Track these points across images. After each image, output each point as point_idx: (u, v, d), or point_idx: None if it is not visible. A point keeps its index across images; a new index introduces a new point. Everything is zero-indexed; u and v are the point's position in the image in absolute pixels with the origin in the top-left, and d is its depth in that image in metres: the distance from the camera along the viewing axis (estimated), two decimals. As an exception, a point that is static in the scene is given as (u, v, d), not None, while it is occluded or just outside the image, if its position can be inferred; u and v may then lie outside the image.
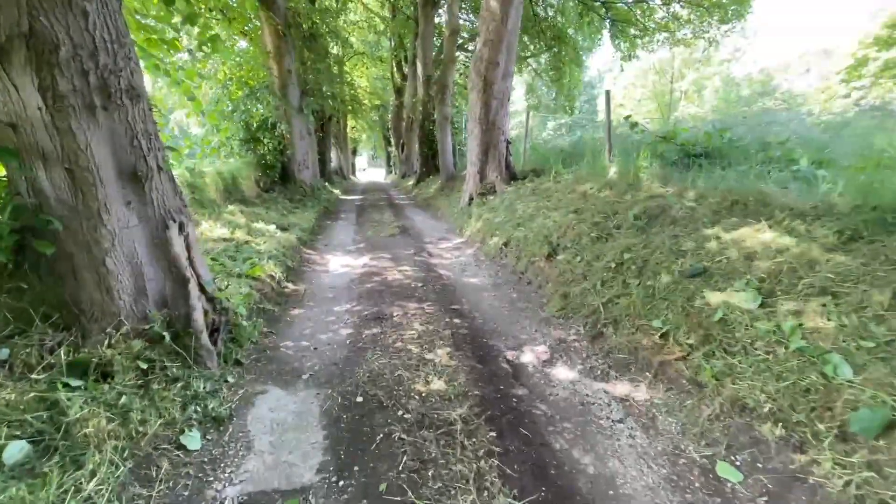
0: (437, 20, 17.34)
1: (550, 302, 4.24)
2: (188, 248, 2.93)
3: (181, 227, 2.80)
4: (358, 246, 7.25)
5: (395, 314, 4.14)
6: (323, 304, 4.60)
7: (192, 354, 2.73)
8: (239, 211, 7.20)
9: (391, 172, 39.19)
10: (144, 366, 2.49)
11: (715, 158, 5.27)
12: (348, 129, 34.51)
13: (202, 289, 3.04)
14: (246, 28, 10.11)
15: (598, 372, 3.04)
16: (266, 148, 10.55)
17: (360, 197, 16.25)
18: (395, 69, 27.96)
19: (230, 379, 2.89)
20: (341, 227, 9.02)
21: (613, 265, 3.87)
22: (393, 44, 25.22)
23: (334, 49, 24.13)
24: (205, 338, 2.84)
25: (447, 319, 3.97)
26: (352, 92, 24.98)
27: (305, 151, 11.63)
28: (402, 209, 11.81)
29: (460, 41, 15.01)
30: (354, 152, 44.16)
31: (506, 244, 5.95)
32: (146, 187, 2.57)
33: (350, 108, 25.61)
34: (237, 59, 10.51)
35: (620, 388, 2.84)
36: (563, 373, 3.08)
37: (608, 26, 16.84)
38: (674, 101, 38.84)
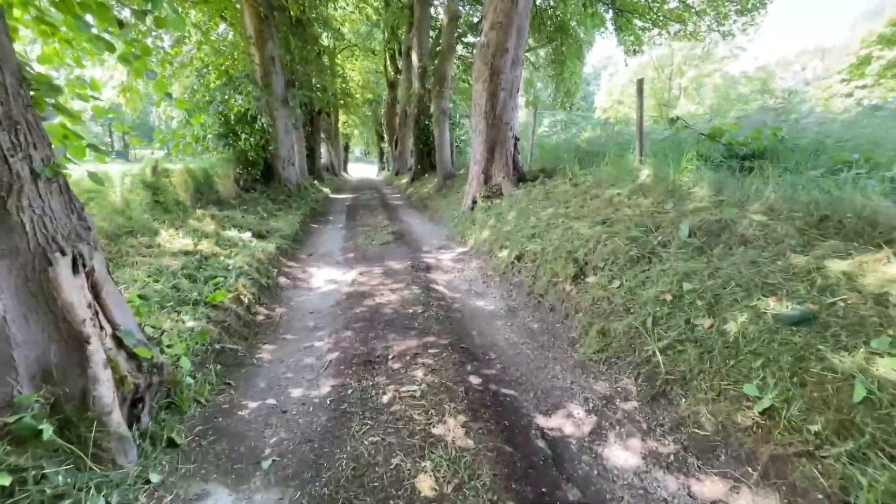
0: (433, 11, 16.39)
1: (584, 339, 3.41)
2: (95, 288, 2.05)
3: (78, 261, 1.91)
4: (347, 256, 6.36)
5: (390, 355, 3.28)
6: (301, 338, 3.72)
7: (91, 449, 1.85)
8: (209, 216, 6.27)
9: (384, 169, 38.16)
10: (6, 481, 1.61)
11: (767, 160, 4.46)
12: (340, 124, 33.42)
13: (119, 342, 2.16)
14: (223, 11, 9.12)
15: (672, 458, 2.21)
16: (248, 143, 9.59)
17: (352, 196, 15.32)
18: (388, 62, 26.91)
19: (154, 477, 2.02)
20: (329, 232, 8.12)
21: (669, 297, 3.04)
22: (386, 35, 24.19)
23: (325, 40, 23.13)
24: (115, 419, 1.96)
25: (457, 364, 3.12)
26: (343, 85, 23.97)
27: (291, 147, 10.69)
28: (397, 211, 10.92)
29: (459, 31, 14.07)
30: (346, 148, 43.02)
31: (518, 258, 5.10)
32: (9, 205, 1.68)
33: (342, 101, 24.60)
34: (215, 45, 9.53)
35: (710, 487, 2.01)
36: (621, 456, 2.25)
37: (612, 18, 16.01)
38: (672, 99, 38.25)
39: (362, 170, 48.14)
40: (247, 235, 5.94)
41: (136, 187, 5.64)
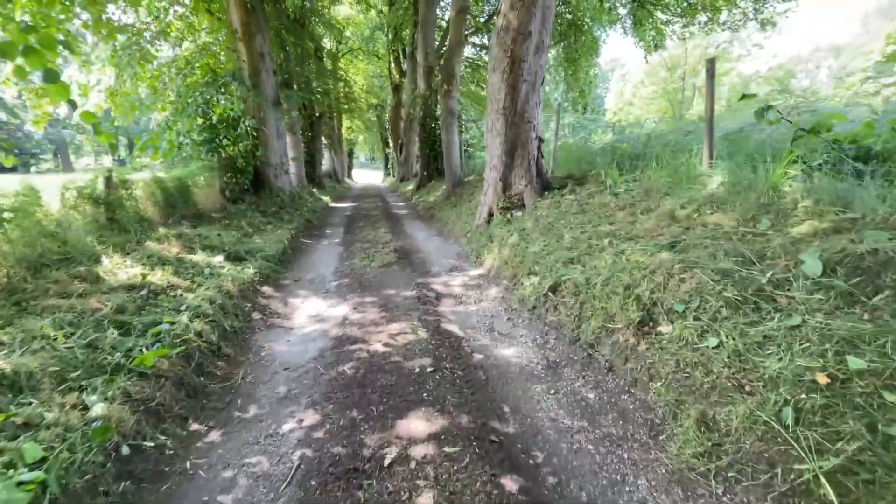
0: (439, 11, 15.44)
1: (672, 426, 2.31)
2: None
3: None
4: (340, 282, 5.29)
5: (385, 457, 2.21)
6: (264, 415, 2.66)
7: None
8: (175, 235, 5.24)
9: (389, 175, 37.28)
10: None
11: (887, 162, 3.34)
12: (344, 130, 32.59)
13: None
14: (209, 3, 8.17)
15: None
16: (236, 149, 8.60)
17: (353, 205, 14.30)
18: (392, 65, 26.05)
19: None
20: (322, 250, 7.07)
21: (824, 379, 1.93)
22: (390, 37, 23.31)
23: (328, 43, 22.29)
24: None
25: (488, 478, 2.04)
26: (346, 89, 23.12)
27: (284, 153, 9.70)
28: (401, 222, 9.86)
29: (467, 29, 13.05)
30: (351, 154, 42.25)
31: (553, 289, 4.01)
32: None
33: (345, 106, 23.74)
34: (199, 41, 8.58)
35: None
36: None
37: (631, 12, 14.94)
38: (686, 99, 37.05)
39: (367, 176, 47.31)
40: (218, 259, 4.90)
41: (81, 203, 4.63)
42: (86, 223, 4.55)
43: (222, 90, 7.84)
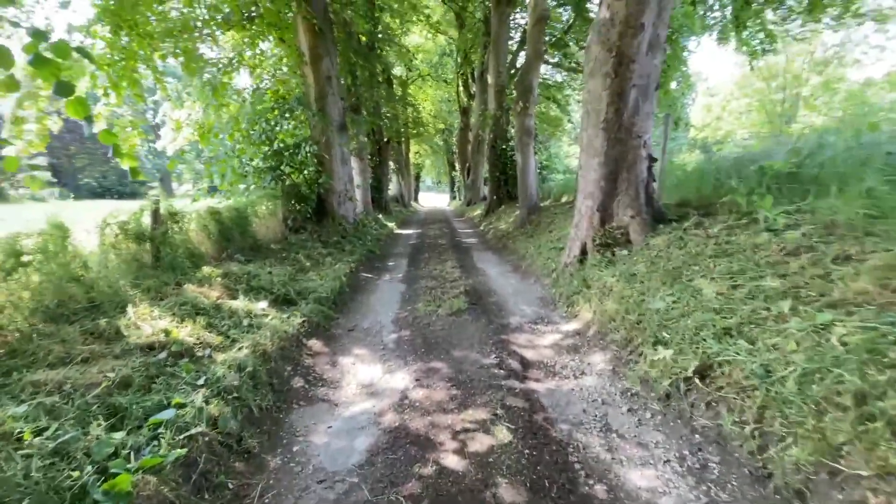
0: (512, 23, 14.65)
1: None
2: None
3: None
4: (400, 334, 4.36)
5: None
6: None
7: None
8: (221, 274, 4.65)
9: (455, 198, 36.90)
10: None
11: None
12: (411, 154, 32.84)
13: None
14: (276, 28, 7.97)
15: None
16: (300, 176, 8.22)
17: (418, 231, 13.63)
18: (460, 88, 25.85)
19: None
20: (383, 288, 6.24)
21: None
22: (459, 61, 23.08)
23: (397, 70, 22.52)
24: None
25: None
26: (415, 114, 23.08)
27: (348, 179, 9.21)
28: (470, 253, 8.88)
29: (547, 37, 12.03)
30: (417, 178, 42.65)
31: (702, 374, 2.74)
32: None
33: (413, 131, 23.70)
34: (266, 66, 8.41)
35: None
36: None
37: (734, 12, 13.10)
38: (785, 112, 32.99)
39: (433, 199, 47.53)
40: (261, 305, 4.18)
41: (124, 239, 4.16)
42: (125, 262, 4.05)
43: (287, 115, 7.50)
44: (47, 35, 2.59)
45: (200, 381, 2.78)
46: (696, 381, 2.75)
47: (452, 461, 2.40)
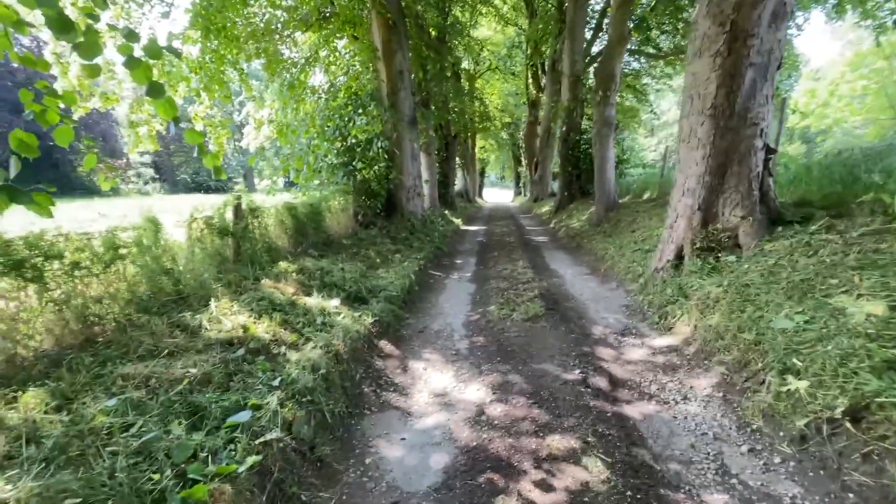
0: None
1: None
2: None
3: None
4: (473, 340, 4.12)
5: None
6: None
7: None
8: (296, 270, 4.69)
9: (520, 194, 36.08)
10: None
11: None
12: (476, 149, 32.53)
13: None
14: (351, 24, 8.03)
15: None
16: (371, 172, 8.26)
17: (484, 228, 13.33)
18: (529, 80, 25.03)
19: None
20: (452, 287, 6.05)
21: None
22: (528, 52, 22.34)
23: (465, 63, 22.29)
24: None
25: None
26: (482, 108, 22.74)
27: (417, 175, 9.14)
28: (540, 252, 8.44)
29: (632, 20, 11.08)
30: (482, 173, 42.29)
31: (854, 416, 2.21)
32: None
33: (480, 126, 23.38)
34: (342, 62, 8.53)
35: None
36: None
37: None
38: (912, 95, 28.29)
39: (497, 195, 46.92)
40: (335, 303, 4.14)
41: (209, 234, 4.31)
42: (208, 256, 4.19)
43: (360, 111, 7.54)
44: (139, 37, 2.62)
45: (276, 382, 2.73)
46: (847, 424, 2.22)
47: (540, 497, 2.10)
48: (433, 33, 11.87)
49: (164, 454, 2.01)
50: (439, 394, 3.19)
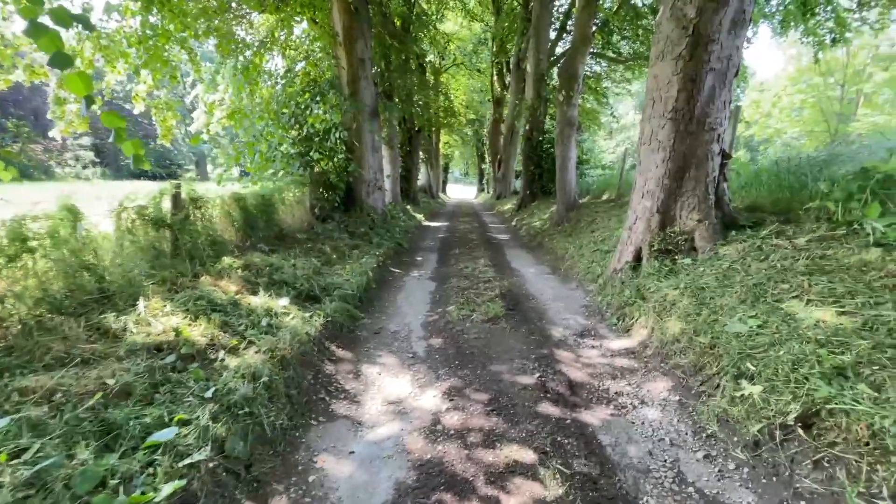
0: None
1: None
2: None
3: None
4: (431, 342, 3.95)
5: None
6: None
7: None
8: (241, 266, 4.35)
9: (483, 191, 36.29)
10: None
11: None
12: (441, 145, 32.32)
13: None
14: (310, 8, 7.62)
15: None
16: (329, 163, 7.91)
17: (447, 224, 13.20)
18: (494, 78, 25.10)
19: None
20: (412, 285, 5.85)
21: None
22: (494, 49, 22.37)
23: (431, 57, 21.99)
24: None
25: None
26: (447, 103, 22.54)
27: (378, 168, 8.84)
28: (502, 251, 8.40)
29: (596, 22, 11.20)
30: (446, 169, 42.18)
31: (806, 422, 2.22)
32: None
33: (444, 121, 23.18)
34: (301, 48, 8.10)
35: None
36: None
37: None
38: (843, 109, 30.70)
39: (460, 191, 46.98)
40: (283, 302, 3.85)
41: (142, 225, 3.89)
42: (140, 250, 3.79)
43: (318, 98, 7.16)
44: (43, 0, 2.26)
45: (209, 393, 2.45)
46: (799, 430, 2.23)
47: (500, 516, 1.97)
48: (398, 23, 11.54)
49: (63, 484, 1.71)
50: (393, 401, 3.00)
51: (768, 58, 77.87)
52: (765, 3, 12.82)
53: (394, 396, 3.06)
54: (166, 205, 4.18)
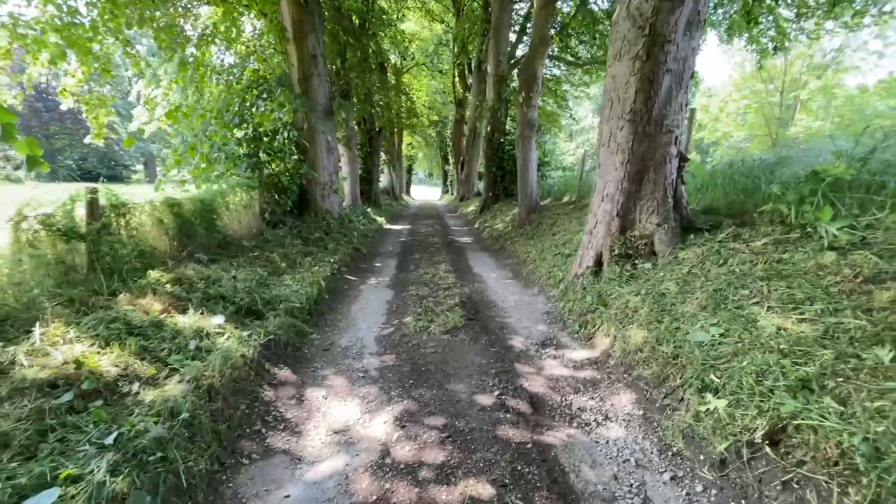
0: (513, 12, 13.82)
1: None
2: None
3: None
4: (384, 359, 3.67)
5: None
6: None
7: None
8: (171, 280, 3.90)
9: (447, 192, 36.16)
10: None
11: None
12: (403, 146, 31.92)
13: None
14: (263, 7, 7.15)
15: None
16: (281, 165, 7.45)
17: (409, 227, 12.90)
18: (456, 79, 25.03)
19: None
20: (367, 295, 5.53)
21: None
22: (455, 50, 22.30)
23: (392, 57, 21.61)
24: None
25: None
26: (409, 104, 22.23)
27: (333, 170, 8.44)
28: (464, 255, 8.20)
29: (554, 25, 11.17)
30: (410, 170, 41.78)
31: (773, 439, 2.11)
32: None
33: (407, 122, 22.83)
34: (247, 43, 7.60)
35: None
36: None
37: (743, 7, 12.53)
38: (782, 115, 32.74)
39: (424, 192, 46.69)
40: (217, 321, 3.46)
41: (50, 236, 3.39)
42: (44, 266, 3.29)
43: (265, 95, 6.70)
44: None
45: (110, 439, 2.07)
46: (766, 448, 2.12)
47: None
48: (355, 19, 11.15)
49: None
50: (339, 430, 2.70)
51: (715, 65, 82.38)
52: (713, 11, 13.34)
53: (340, 424, 2.76)
54: (80, 212, 3.68)
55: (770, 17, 12.28)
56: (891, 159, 3.68)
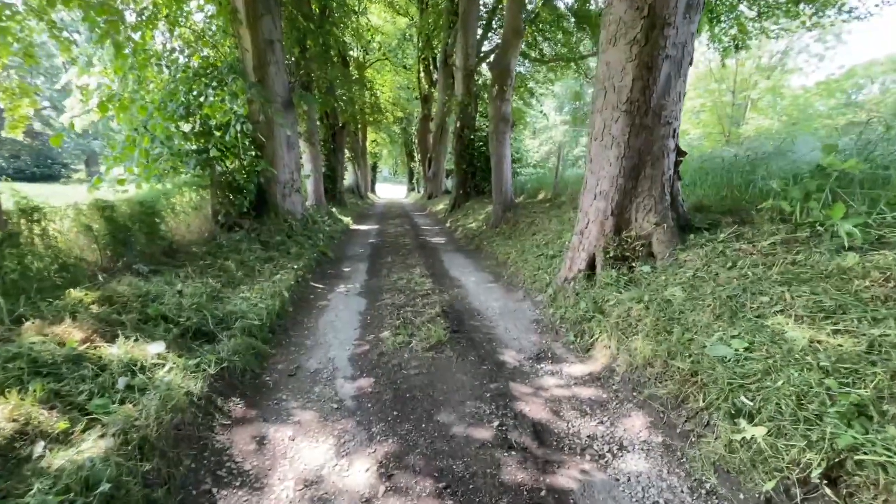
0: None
1: None
2: None
3: None
4: (360, 384, 3.17)
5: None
6: None
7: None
8: (98, 300, 3.24)
9: (413, 190, 35.56)
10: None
11: None
12: (368, 143, 31.05)
13: None
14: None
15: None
16: (236, 162, 6.73)
17: (377, 227, 12.31)
18: (421, 75, 24.49)
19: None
20: (336, 308, 4.97)
21: None
22: (420, 45, 21.78)
23: (355, 51, 20.79)
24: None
25: None
26: (373, 99, 21.47)
27: (295, 168, 7.77)
28: (439, 256, 7.76)
29: (527, 14, 10.80)
30: (374, 168, 40.84)
31: (832, 477, 1.80)
32: None
33: (371, 118, 22.06)
34: (194, 26, 6.83)
35: None
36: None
37: (706, 5, 12.72)
38: (733, 114, 34.25)
39: (390, 190, 45.81)
40: (156, 348, 2.85)
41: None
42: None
43: (215, 84, 5.99)
44: None
45: (-11, 537, 1.49)
46: (825, 487, 1.81)
47: None
48: (315, 7, 10.42)
49: None
50: (310, 481, 2.21)
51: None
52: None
53: (311, 473, 2.26)
54: (-25, 220, 2.97)
55: (732, 15, 12.51)
56: None
